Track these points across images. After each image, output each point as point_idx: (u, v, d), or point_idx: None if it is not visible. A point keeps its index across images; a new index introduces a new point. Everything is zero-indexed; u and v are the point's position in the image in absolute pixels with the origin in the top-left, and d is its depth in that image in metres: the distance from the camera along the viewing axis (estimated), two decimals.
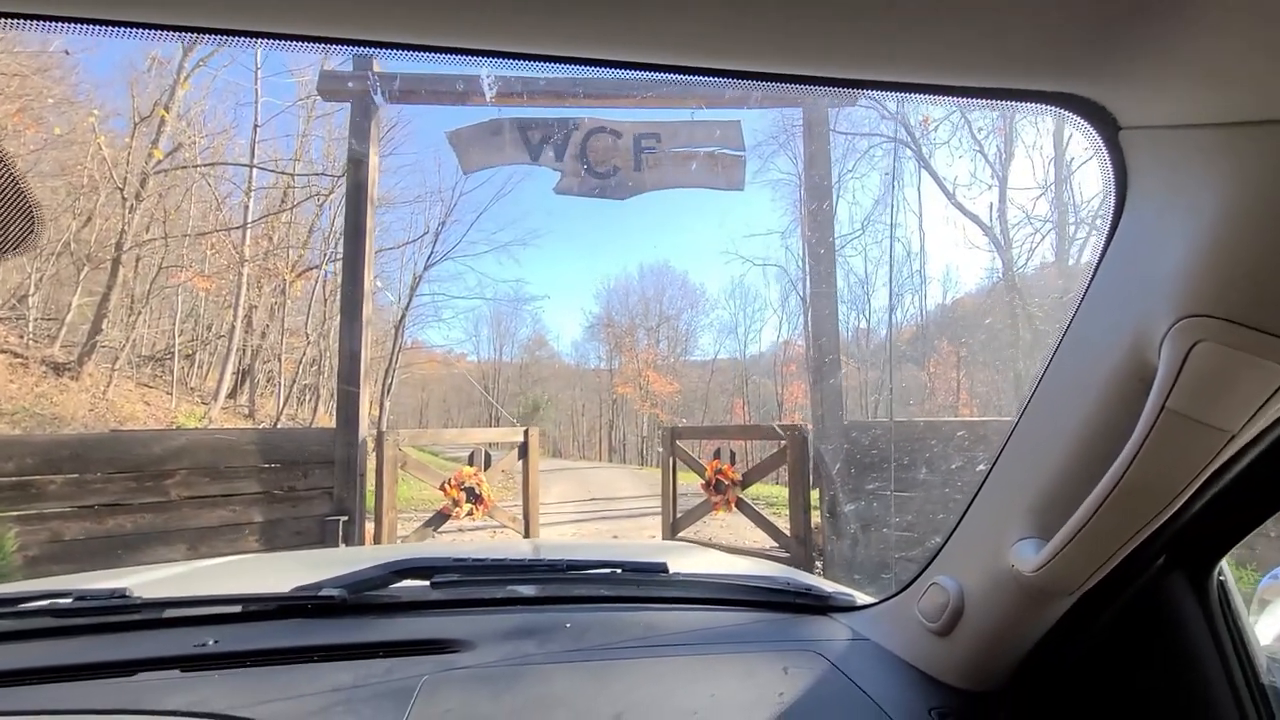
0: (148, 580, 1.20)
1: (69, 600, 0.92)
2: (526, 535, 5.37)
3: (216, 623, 0.92)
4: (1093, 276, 0.60)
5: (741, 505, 5.43)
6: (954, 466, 4.55)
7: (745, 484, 5.50)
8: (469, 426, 41.82)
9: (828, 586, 1.18)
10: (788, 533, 5.19)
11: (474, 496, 5.13)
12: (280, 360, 13.77)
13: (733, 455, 5.69)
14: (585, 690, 0.80)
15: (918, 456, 4.78)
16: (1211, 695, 0.67)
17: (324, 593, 0.94)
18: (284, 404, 14.37)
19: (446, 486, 5.14)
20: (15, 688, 0.76)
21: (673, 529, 5.85)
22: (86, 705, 0.73)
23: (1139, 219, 0.54)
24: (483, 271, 39.27)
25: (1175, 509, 0.55)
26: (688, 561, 1.27)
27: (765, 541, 5.62)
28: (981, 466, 0.78)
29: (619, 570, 1.12)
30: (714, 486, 5.47)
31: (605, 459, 31.16)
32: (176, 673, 0.80)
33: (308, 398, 17.80)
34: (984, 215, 15.45)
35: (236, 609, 0.93)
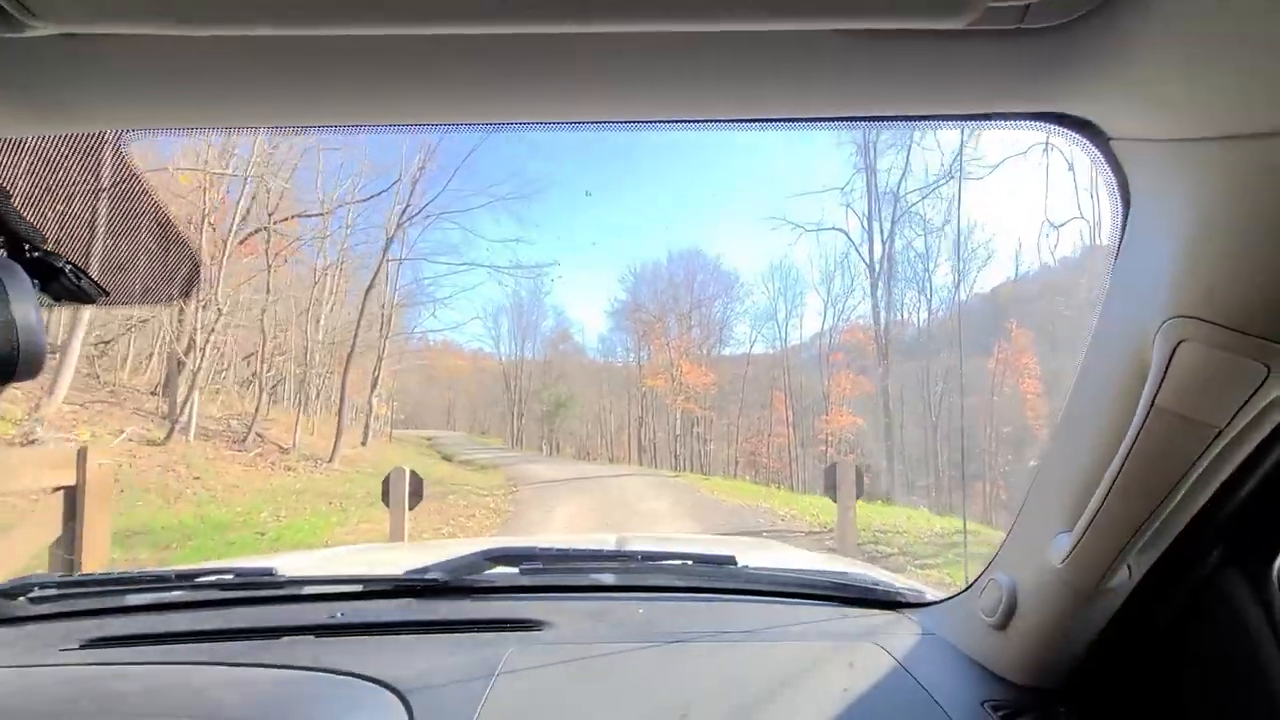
0: (287, 562, 1.42)
1: (231, 575, 1.18)
2: None
3: (343, 599, 1.13)
4: (1109, 279, 0.65)
5: None
6: None
7: None
8: (493, 425, 38.77)
9: (898, 583, 1.24)
10: None
11: None
12: (201, 350, 10.75)
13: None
14: (654, 675, 0.90)
15: None
16: (1275, 691, 0.66)
17: (430, 576, 1.14)
18: (192, 403, 10.58)
19: None
20: (198, 644, 1.00)
21: None
22: (248, 660, 0.93)
23: (1137, 225, 0.60)
24: (475, 231, 29.73)
25: (1176, 501, 0.60)
26: (757, 556, 1.38)
27: None
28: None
29: (689, 562, 1.25)
30: None
31: (634, 460, 28.30)
32: (312, 638, 1.01)
33: (250, 390, 15.02)
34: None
35: (358, 588, 1.15)
